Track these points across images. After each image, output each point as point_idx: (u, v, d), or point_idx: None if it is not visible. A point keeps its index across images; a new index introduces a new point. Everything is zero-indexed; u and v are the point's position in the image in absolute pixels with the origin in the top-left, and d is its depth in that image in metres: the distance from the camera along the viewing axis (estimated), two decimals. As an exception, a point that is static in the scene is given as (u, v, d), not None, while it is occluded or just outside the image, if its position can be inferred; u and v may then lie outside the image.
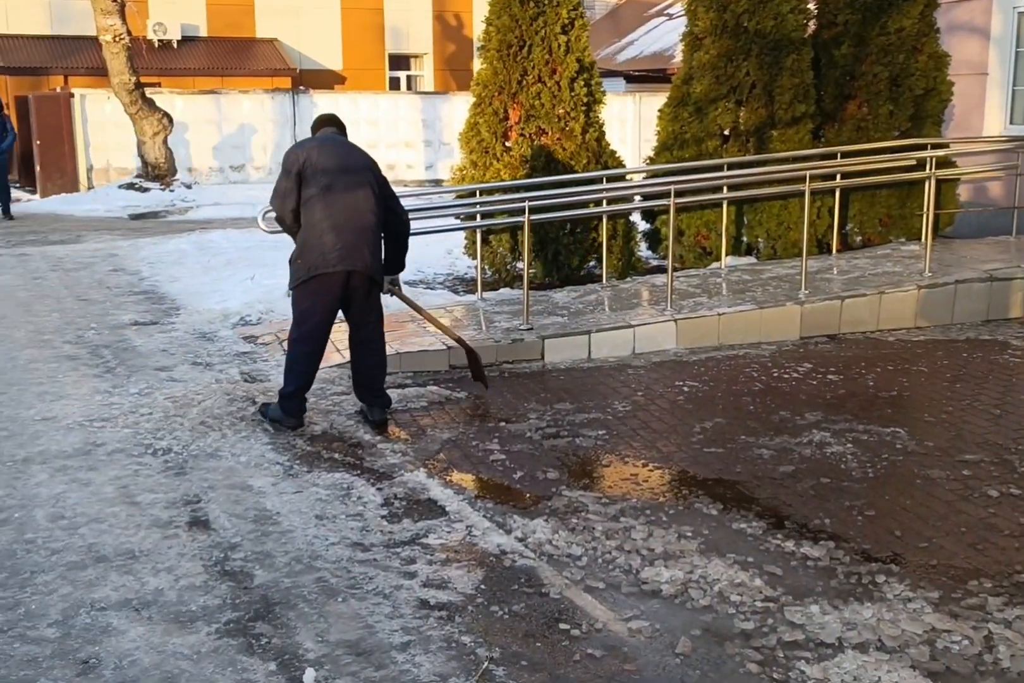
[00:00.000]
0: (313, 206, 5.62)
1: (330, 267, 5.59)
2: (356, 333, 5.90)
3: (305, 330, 5.76)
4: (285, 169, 5.70)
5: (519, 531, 4.37)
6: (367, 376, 5.90)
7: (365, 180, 5.73)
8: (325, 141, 5.85)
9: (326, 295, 5.67)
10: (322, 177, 5.61)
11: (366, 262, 5.67)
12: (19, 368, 7.11)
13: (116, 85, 18.07)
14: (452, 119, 22.57)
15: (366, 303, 5.81)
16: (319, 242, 5.59)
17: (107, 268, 11.46)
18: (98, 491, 4.85)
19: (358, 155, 5.86)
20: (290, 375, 5.80)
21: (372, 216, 5.72)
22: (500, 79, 9.38)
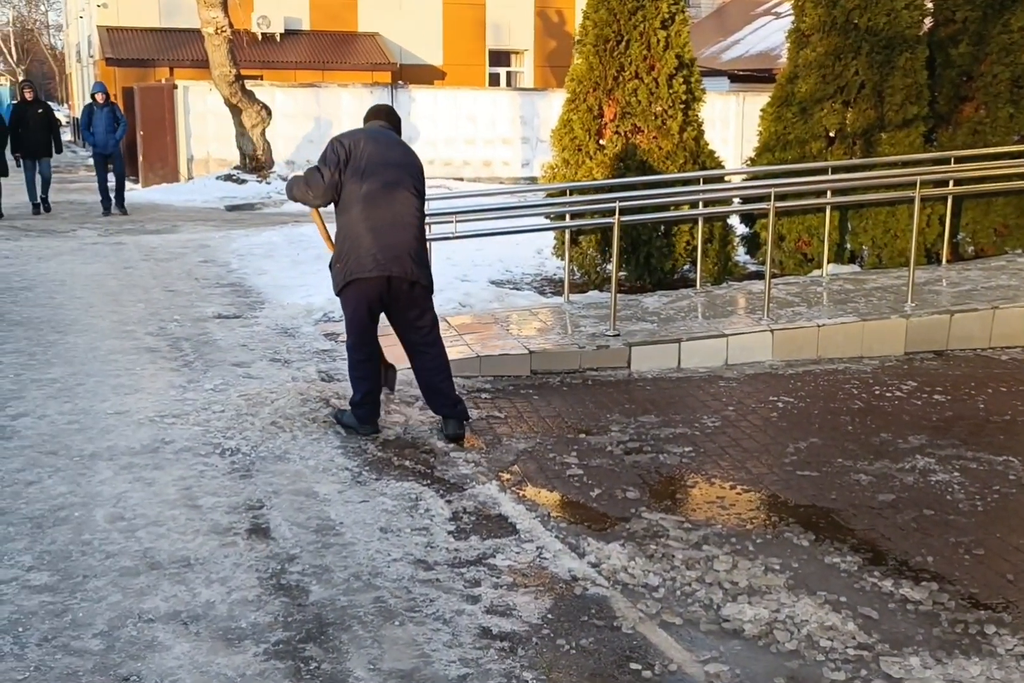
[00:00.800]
0: (352, 205, 5.29)
1: (367, 272, 5.28)
2: (405, 338, 5.56)
3: (355, 338, 5.51)
4: (328, 156, 5.32)
5: (593, 556, 4.10)
6: (432, 381, 5.55)
7: (408, 179, 5.40)
8: (373, 134, 5.51)
9: (365, 301, 5.37)
10: (365, 173, 5.28)
11: (405, 267, 5.30)
12: (99, 359, 7.06)
13: (217, 77, 18.22)
14: (550, 116, 22.24)
15: (410, 309, 5.44)
16: (357, 245, 5.27)
17: (197, 259, 11.47)
18: (160, 492, 4.71)
19: (404, 152, 5.53)
20: (354, 383, 5.58)
21: (413, 218, 5.40)
22: (595, 75, 9.09)
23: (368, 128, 5.61)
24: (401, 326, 5.52)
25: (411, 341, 5.53)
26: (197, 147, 20.45)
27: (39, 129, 15.23)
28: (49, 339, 7.61)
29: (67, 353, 7.20)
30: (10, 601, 3.70)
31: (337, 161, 5.29)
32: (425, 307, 5.49)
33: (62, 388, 6.34)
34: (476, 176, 21.72)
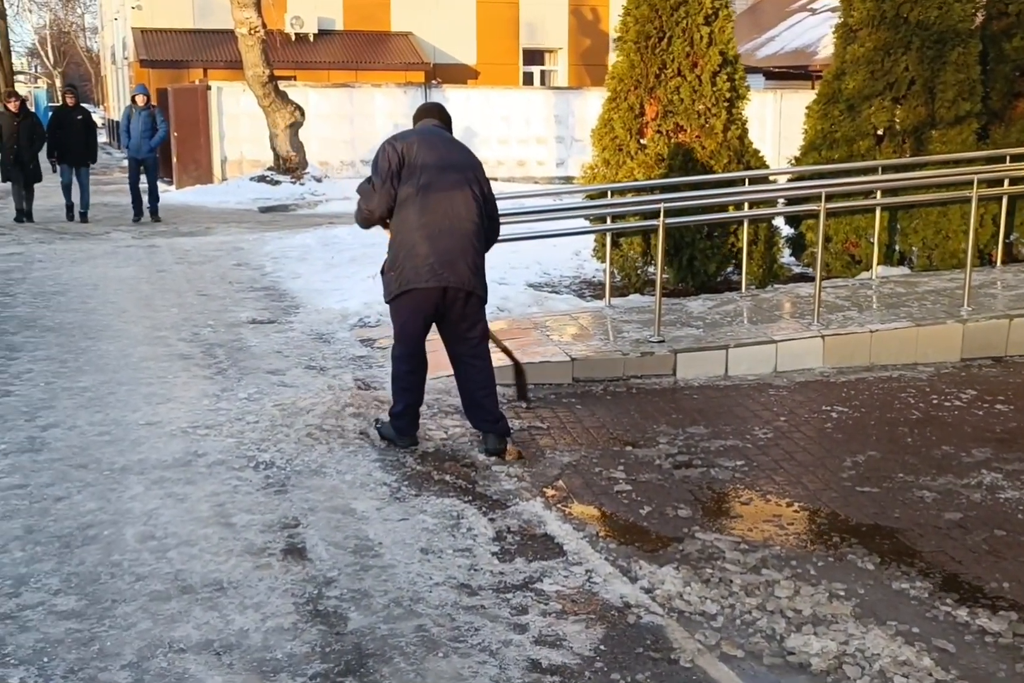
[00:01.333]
0: (408, 209, 5.04)
1: (422, 282, 5.05)
2: (453, 349, 5.34)
3: (403, 348, 5.30)
4: (380, 164, 5.08)
5: (646, 580, 3.87)
6: (474, 396, 5.33)
7: (468, 181, 5.15)
8: (427, 134, 5.27)
9: (419, 312, 5.16)
10: (421, 176, 5.03)
11: (462, 277, 5.08)
12: (131, 366, 6.92)
13: (250, 78, 18.14)
14: (585, 115, 22.08)
15: (463, 320, 5.22)
16: (412, 253, 5.04)
17: (231, 262, 11.34)
18: (193, 509, 4.54)
19: (463, 152, 5.29)
20: (396, 394, 5.37)
21: (472, 224, 5.13)
22: (637, 73, 8.85)
23: (421, 128, 5.34)
24: (450, 337, 5.30)
25: (458, 352, 5.31)
26: (231, 148, 20.39)
27: (78, 136, 14.76)
28: (81, 345, 7.48)
29: (99, 360, 7.07)
30: (36, 628, 3.53)
31: (388, 168, 5.04)
32: (477, 318, 5.26)
33: (93, 397, 6.20)
34: (510, 176, 21.51)
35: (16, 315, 8.54)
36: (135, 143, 14.90)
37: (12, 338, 7.71)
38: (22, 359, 7.09)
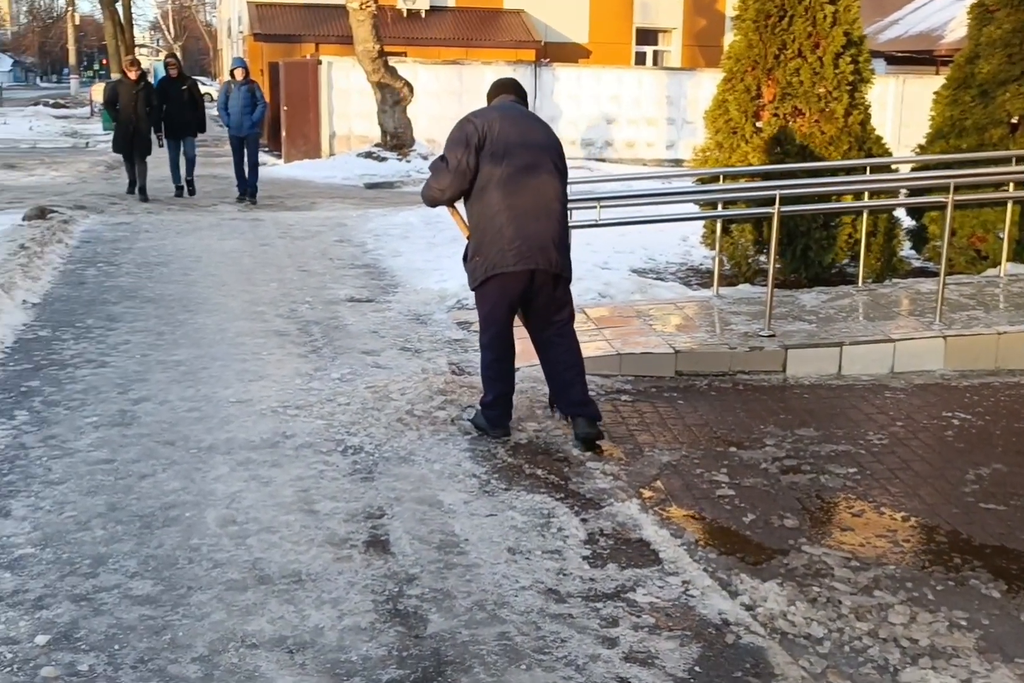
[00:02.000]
0: (490, 191, 4.83)
1: (509, 266, 4.84)
2: (539, 334, 5.13)
3: (490, 336, 5.08)
4: (457, 141, 4.83)
5: (747, 596, 3.61)
6: (560, 381, 5.12)
7: (551, 160, 4.94)
8: (508, 110, 5.02)
9: (506, 296, 4.95)
10: (504, 155, 4.80)
11: (551, 259, 4.88)
12: (226, 341, 6.85)
13: (360, 53, 18.08)
14: (698, 97, 21.56)
15: (551, 303, 5.03)
16: (497, 236, 4.83)
17: (333, 238, 11.28)
18: (276, 493, 4.40)
19: (544, 130, 5.06)
20: (486, 383, 5.18)
21: (558, 204, 4.95)
22: (755, 53, 8.46)
23: (500, 105, 5.12)
24: (536, 320, 5.11)
25: (543, 336, 5.12)
26: (339, 123, 20.42)
27: (183, 107, 14.22)
28: (179, 318, 7.45)
29: (195, 334, 7.02)
30: (110, 612, 3.43)
31: (466, 144, 4.82)
32: (565, 301, 5.08)
33: (186, 372, 6.14)
34: (618, 157, 21.14)
35: (119, 285, 8.57)
36: (236, 120, 14.08)
37: (113, 308, 7.73)
38: (120, 330, 7.09)
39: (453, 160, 4.84)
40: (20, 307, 7.48)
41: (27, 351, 6.52)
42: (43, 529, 4.02)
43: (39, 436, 5.03)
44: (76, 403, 5.53)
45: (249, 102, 14.05)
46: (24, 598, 3.50)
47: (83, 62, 79.85)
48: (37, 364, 6.24)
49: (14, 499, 4.30)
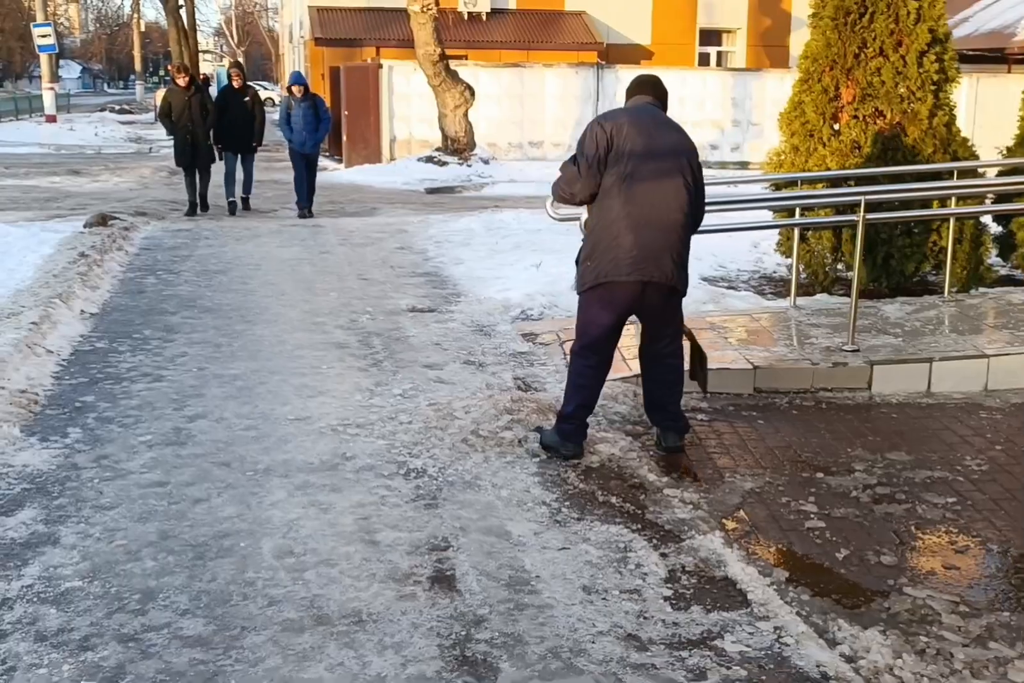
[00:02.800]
0: (611, 197, 4.65)
1: (623, 275, 4.65)
2: (648, 346, 4.99)
3: (589, 341, 4.88)
4: (585, 146, 4.68)
5: (847, 645, 3.29)
6: (659, 396, 5.00)
7: (680, 168, 4.68)
8: (639, 114, 4.77)
9: (615, 306, 4.76)
10: (628, 162, 4.60)
11: (667, 272, 4.68)
12: (285, 354, 6.65)
13: (421, 56, 17.92)
14: (764, 98, 21.17)
15: (662, 316, 4.87)
16: (613, 244, 4.65)
17: (394, 245, 11.08)
18: (336, 521, 4.16)
19: (676, 135, 4.78)
20: (571, 390, 4.94)
21: (682, 215, 4.70)
22: (833, 52, 8.10)
23: (633, 107, 4.85)
24: (645, 334, 4.96)
25: (649, 351, 4.97)
26: (400, 128, 20.29)
27: (244, 119, 13.15)
28: (236, 329, 7.27)
29: (253, 346, 6.83)
30: (158, 655, 3.20)
31: (595, 151, 4.63)
32: (675, 315, 4.91)
33: (243, 387, 5.94)
34: (682, 161, 20.72)
35: (178, 294, 8.43)
36: (299, 138, 13.12)
37: (171, 319, 7.57)
38: (178, 341, 6.92)
39: (584, 164, 4.68)
40: (78, 317, 7.35)
41: (83, 364, 6.37)
42: (92, 559, 3.82)
43: (91, 456, 4.85)
44: (130, 420, 5.35)
45: (312, 119, 13.05)
46: (69, 638, 3.29)
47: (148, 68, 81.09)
48: (92, 378, 6.09)
49: (64, 525, 4.11)
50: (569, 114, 20.89)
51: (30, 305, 7.19)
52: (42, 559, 3.81)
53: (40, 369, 6.08)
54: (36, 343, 6.39)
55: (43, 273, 8.53)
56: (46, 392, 5.78)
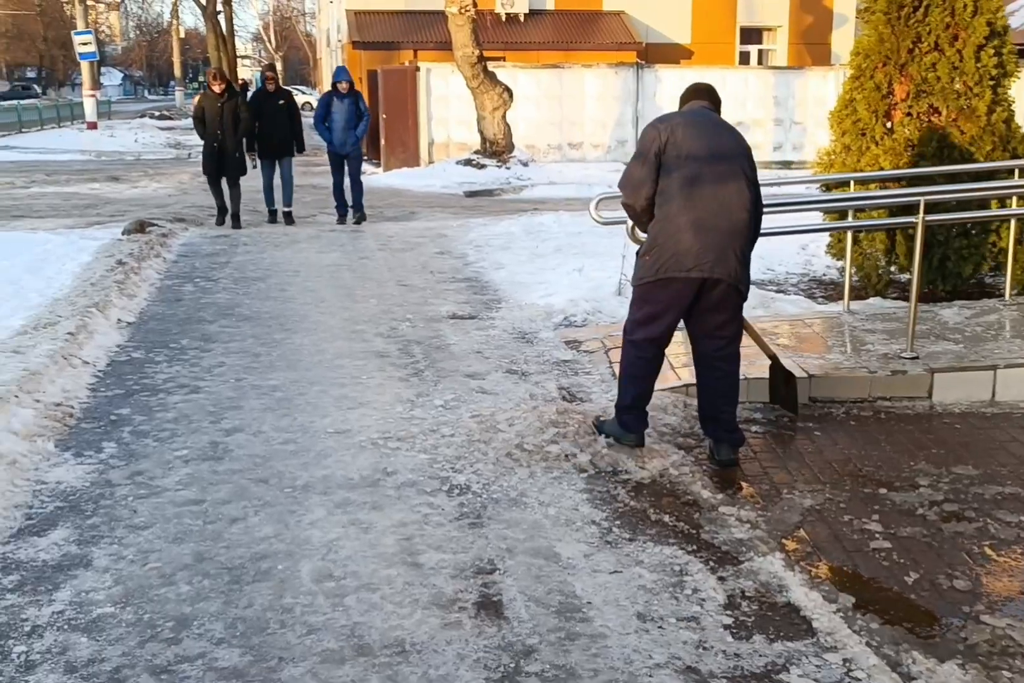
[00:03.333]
0: (671, 198, 4.60)
1: (683, 271, 4.59)
2: (701, 349, 4.85)
3: (643, 334, 4.81)
4: (641, 150, 4.69)
5: (923, 680, 3.07)
6: (712, 404, 4.86)
7: (740, 169, 4.67)
8: (694, 117, 4.76)
9: (672, 302, 4.70)
10: (687, 163, 4.58)
11: (729, 270, 4.62)
12: (324, 364, 6.50)
13: (459, 58, 17.77)
14: (806, 97, 20.84)
15: (718, 315, 4.74)
16: (674, 241, 4.59)
17: (434, 250, 10.92)
18: (377, 541, 3.99)
19: (733, 138, 4.77)
20: (625, 382, 4.92)
21: (745, 213, 4.66)
22: (886, 47, 7.83)
23: (688, 111, 4.86)
24: (699, 333, 4.82)
25: (704, 352, 4.83)
26: (438, 130, 20.16)
27: (280, 124, 12.39)
28: (275, 338, 7.14)
29: (292, 355, 6.69)
30: (192, 689, 3.05)
31: (648, 152, 4.63)
32: (733, 315, 4.78)
33: (282, 398, 5.79)
34: (724, 161, 20.43)
35: (215, 302, 8.32)
36: (339, 137, 12.43)
37: (208, 327, 7.46)
38: (215, 351, 6.80)
39: (638, 170, 4.66)
40: (115, 327, 7.25)
41: (119, 375, 6.25)
42: (125, 583, 3.68)
43: (126, 472, 4.72)
44: (166, 434, 5.22)
45: (353, 116, 12.41)
46: (100, 669, 3.15)
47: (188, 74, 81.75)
48: (128, 389, 5.97)
49: (96, 546, 3.97)
50: (608, 115, 20.66)
51: (67, 315, 7.10)
52: (74, 583, 3.68)
53: (76, 381, 5.97)
54: (72, 354, 6.28)
55: (81, 281, 8.45)
56: (81, 405, 5.67)
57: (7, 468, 4.59)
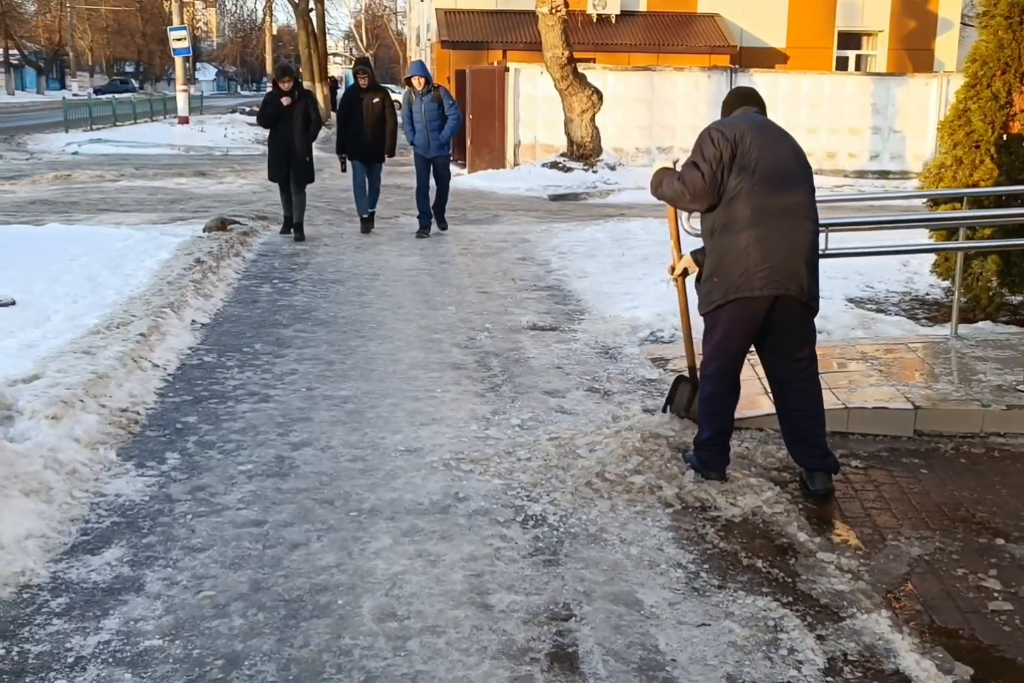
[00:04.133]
0: (736, 207, 4.31)
1: (755, 290, 4.30)
2: (780, 374, 4.56)
3: (718, 366, 4.55)
4: (706, 156, 4.32)
5: (1057, 777, 2.70)
6: (800, 428, 4.56)
7: (803, 178, 4.43)
8: (759, 125, 4.46)
9: (744, 324, 4.42)
10: (753, 170, 4.30)
11: (802, 285, 4.33)
12: (398, 375, 6.25)
13: (549, 59, 17.48)
14: (907, 105, 20.15)
15: (793, 335, 4.46)
16: (743, 257, 4.30)
17: (516, 255, 10.64)
18: (444, 577, 3.71)
19: (794, 145, 4.53)
20: (703, 418, 4.64)
21: (812, 224, 4.41)
22: (1006, 54, 7.36)
23: (747, 116, 4.54)
24: (774, 356, 4.52)
25: (782, 376, 4.53)
26: (524, 132, 19.89)
27: (373, 125, 11.34)
28: (350, 345, 6.92)
29: (366, 364, 6.46)
30: (237, 741, 2.80)
31: (719, 157, 4.31)
32: (809, 335, 4.51)
33: (353, 410, 5.56)
34: (818, 168, 19.78)
35: (292, 305, 8.14)
36: (421, 139, 11.42)
37: (283, 331, 7.27)
38: (289, 357, 6.59)
39: (707, 171, 4.31)
40: (188, 328, 7.09)
41: (189, 380, 6.08)
42: (176, 612, 3.45)
43: (187, 486, 4.51)
44: (232, 446, 5.01)
45: (436, 115, 11.23)
46: (141, 713, 2.92)
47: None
48: (197, 396, 5.78)
49: (150, 569, 3.76)
50: (700, 119, 20.12)
51: (141, 314, 6.95)
52: (123, 610, 3.46)
53: (144, 385, 5.81)
54: (143, 356, 6.13)
55: (158, 279, 8.33)
56: (148, 411, 5.49)
57: (67, 478, 4.42)
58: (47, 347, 6.31)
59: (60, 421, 4.82)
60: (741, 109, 4.60)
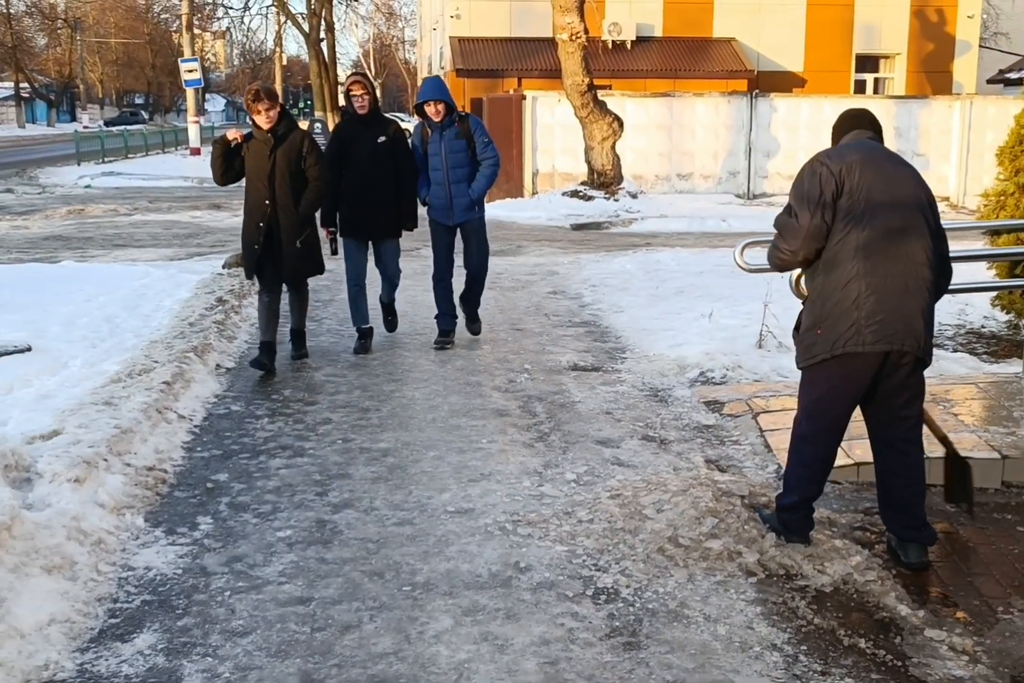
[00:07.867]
0: (845, 253, 3.88)
1: (865, 345, 3.86)
2: (884, 434, 4.12)
3: (817, 429, 4.10)
4: (809, 194, 3.90)
5: None
6: (899, 495, 4.12)
7: (923, 217, 3.94)
8: (870, 152, 3.99)
9: (852, 381, 3.98)
10: (863, 210, 3.86)
11: (918, 340, 3.91)
12: (438, 423, 5.89)
13: (568, 86, 17.21)
14: (930, 127, 19.87)
15: (903, 392, 4.01)
16: (851, 307, 3.86)
17: (546, 289, 10.30)
18: (516, 666, 3.33)
19: (915, 178, 4.02)
20: (791, 481, 4.20)
21: (930, 271, 3.92)
22: (1063, 76, 7.01)
23: (858, 144, 4.05)
24: (879, 414, 4.08)
25: (885, 435, 4.10)
26: (543, 160, 19.62)
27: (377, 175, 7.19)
28: (384, 390, 6.56)
29: (403, 412, 6.10)
30: None
31: (820, 195, 3.87)
32: (918, 392, 4.07)
33: (395, 465, 5.19)
34: (841, 194, 19.52)
35: (319, 345, 7.80)
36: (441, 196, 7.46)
37: (313, 375, 6.92)
38: (321, 404, 6.24)
39: (805, 216, 3.91)
40: (212, 374, 6.75)
41: (217, 431, 5.73)
42: (219, 714, 3.08)
43: (223, 557, 4.14)
44: (267, 508, 4.64)
45: (464, 160, 7.29)
46: None
47: (289, 100, 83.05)
48: (227, 450, 5.43)
49: (188, 658, 3.38)
50: (720, 145, 19.90)
51: (163, 360, 6.60)
52: (159, 711, 3.09)
53: (170, 439, 5.45)
54: (168, 407, 5.77)
55: (179, 321, 8.00)
56: (175, 468, 5.14)
57: (92, 550, 4.06)
58: (65, 397, 5.97)
59: (83, 484, 4.46)
60: (853, 134, 4.11)
